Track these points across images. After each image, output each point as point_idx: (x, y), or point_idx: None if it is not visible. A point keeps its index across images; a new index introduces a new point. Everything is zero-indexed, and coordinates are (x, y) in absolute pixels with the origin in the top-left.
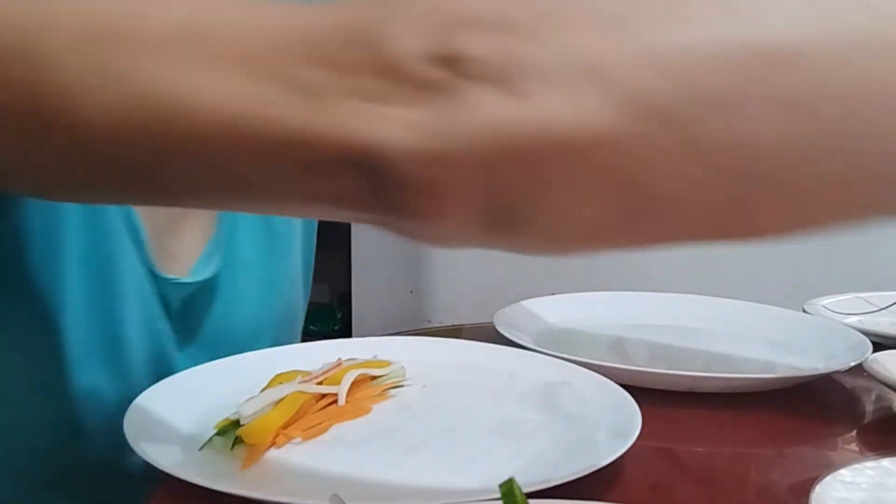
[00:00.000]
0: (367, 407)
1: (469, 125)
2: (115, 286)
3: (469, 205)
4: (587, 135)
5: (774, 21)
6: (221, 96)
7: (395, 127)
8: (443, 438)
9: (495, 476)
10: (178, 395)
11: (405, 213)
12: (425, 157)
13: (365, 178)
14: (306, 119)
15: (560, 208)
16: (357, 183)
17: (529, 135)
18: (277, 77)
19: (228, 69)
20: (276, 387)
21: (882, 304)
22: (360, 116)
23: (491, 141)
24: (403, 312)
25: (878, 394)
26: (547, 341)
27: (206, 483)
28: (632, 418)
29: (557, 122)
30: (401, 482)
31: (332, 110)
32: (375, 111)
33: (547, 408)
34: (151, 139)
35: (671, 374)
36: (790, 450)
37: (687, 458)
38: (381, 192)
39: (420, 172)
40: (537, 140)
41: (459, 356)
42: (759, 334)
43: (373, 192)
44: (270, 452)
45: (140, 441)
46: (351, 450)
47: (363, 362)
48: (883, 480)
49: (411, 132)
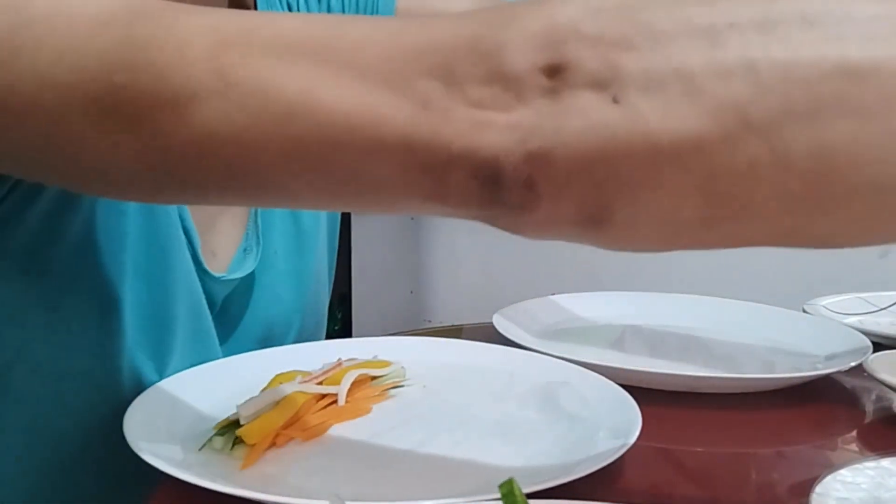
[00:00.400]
0: (367, 407)
1: (569, 127)
2: (167, 285)
3: (566, 201)
4: (678, 140)
5: (854, 39)
6: (348, 104)
7: (503, 129)
8: (443, 438)
9: (495, 476)
10: (178, 395)
11: (508, 208)
12: (528, 156)
13: (475, 178)
14: (426, 126)
15: (649, 208)
16: (468, 182)
17: (624, 138)
18: (399, 86)
19: (353, 78)
20: (276, 387)
21: (882, 304)
22: (473, 122)
23: (589, 142)
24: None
25: (878, 394)
26: (547, 341)
27: (206, 483)
28: (632, 418)
29: (651, 127)
30: (401, 482)
31: (450, 117)
32: (487, 117)
33: (547, 408)
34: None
35: (671, 374)
36: (790, 450)
37: (687, 458)
38: (488, 189)
39: (521, 169)
40: (631, 143)
41: (459, 356)
42: (759, 334)
43: (481, 190)
44: (270, 452)
45: (140, 441)
46: (351, 450)
47: (363, 362)
48: (883, 480)
49: (515, 134)
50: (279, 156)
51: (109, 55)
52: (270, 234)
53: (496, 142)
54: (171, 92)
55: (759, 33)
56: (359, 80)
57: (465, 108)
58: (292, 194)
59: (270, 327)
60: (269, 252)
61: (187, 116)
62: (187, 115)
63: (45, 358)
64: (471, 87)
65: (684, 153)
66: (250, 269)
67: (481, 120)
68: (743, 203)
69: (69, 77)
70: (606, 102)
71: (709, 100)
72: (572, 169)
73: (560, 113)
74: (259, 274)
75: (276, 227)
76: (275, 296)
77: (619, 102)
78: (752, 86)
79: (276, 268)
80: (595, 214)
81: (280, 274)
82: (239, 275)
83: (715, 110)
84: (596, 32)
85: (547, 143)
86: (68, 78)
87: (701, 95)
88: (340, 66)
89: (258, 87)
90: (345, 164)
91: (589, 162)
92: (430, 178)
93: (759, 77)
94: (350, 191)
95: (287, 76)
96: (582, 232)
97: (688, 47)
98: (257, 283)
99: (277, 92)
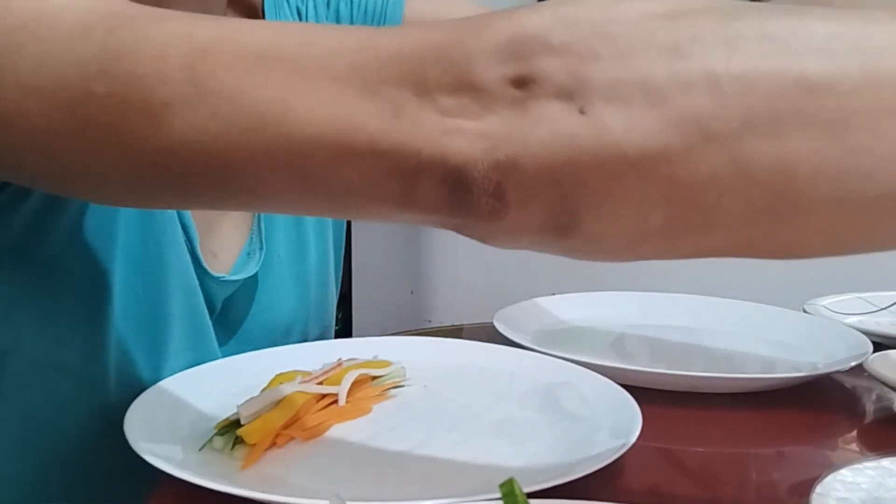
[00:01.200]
0: (368, 407)
1: (536, 137)
2: (163, 281)
3: (534, 209)
4: (642, 151)
5: (812, 54)
6: (320, 112)
7: (471, 138)
8: (443, 438)
9: (495, 476)
10: (178, 395)
11: (476, 216)
12: (496, 164)
13: (444, 184)
14: (396, 133)
15: (615, 216)
16: (437, 189)
17: (590, 148)
18: (370, 94)
19: (324, 86)
20: (276, 387)
21: (882, 304)
22: (443, 130)
23: (556, 152)
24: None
25: (878, 394)
26: (547, 341)
27: (206, 483)
28: (632, 418)
29: (615, 138)
30: (401, 482)
31: (420, 125)
32: (457, 125)
33: (547, 408)
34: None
35: (671, 374)
36: (790, 450)
37: (687, 458)
38: (457, 196)
39: (490, 177)
40: (597, 153)
41: (459, 356)
42: (759, 334)
43: (450, 197)
44: (270, 452)
45: (140, 441)
46: (351, 450)
47: (363, 362)
48: (883, 480)
49: (484, 142)
50: (251, 163)
51: (88, 64)
52: (274, 238)
53: (465, 149)
54: (147, 101)
55: (722, 47)
56: (330, 89)
57: (435, 116)
58: (265, 200)
59: (272, 331)
60: (273, 256)
61: (163, 125)
62: (163, 123)
63: (37, 352)
64: (440, 96)
65: (648, 163)
66: (253, 271)
67: (450, 128)
68: (706, 213)
69: (51, 84)
70: (573, 113)
71: (672, 112)
72: (539, 177)
73: (528, 123)
74: (262, 277)
75: (279, 230)
76: (277, 300)
77: (586, 113)
78: (714, 98)
79: (279, 272)
80: (562, 223)
81: (283, 278)
82: (241, 277)
83: (677, 122)
84: (564, 43)
85: (515, 151)
86: (50, 85)
87: (664, 107)
88: (312, 75)
89: (230, 96)
90: (316, 171)
91: (556, 171)
92: (400, 184)
93: (720, 90)
94: (321, 197)
95: (259, 85)
96: (550, 240)
97: (652, 60)
98: (260, 287)
99: (249, 100)
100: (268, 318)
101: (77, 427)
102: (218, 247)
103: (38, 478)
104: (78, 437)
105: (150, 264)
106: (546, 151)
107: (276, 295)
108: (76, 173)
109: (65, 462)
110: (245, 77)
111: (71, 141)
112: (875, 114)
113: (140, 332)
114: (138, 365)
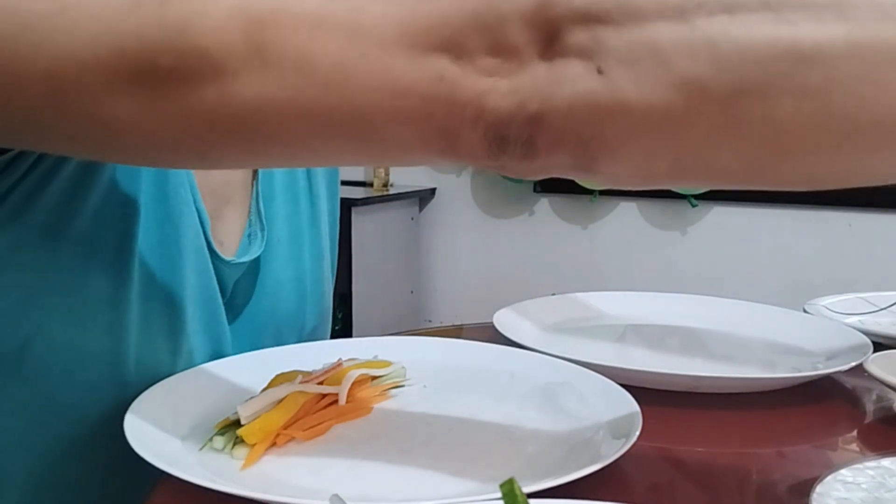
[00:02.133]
0: (368, 407)
1: (560, 93)
2: (179, 265)
3: (559, 154)
4: (648, 108)
5: (805, 23)
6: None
7: (506, 95)
8: (443, 438)
9: (495, 476)
10: (178, 395)
11: (511, 159)
12: (527, 118)
13: (484, 138)
14: (443, 95)
15: (628, 162)
16: (478, 140)
17: (605, 104)
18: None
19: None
20: (276, 387)
21: (882, 304)
22: (481, 90)
23: (576, 107)
24: (403, 312)
25: (878, 394)
26: (547, 341)
27: (206, 483)
28: (632, 418)
29: (626, 96)
30: (401, 482)
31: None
32: (492, 84)
33: (547, 408)
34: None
35: (671, 374)
36: (790, 450)
37: (687, 458)
38: (496, 146)
39: (522, 128)
40: (612, 110)
41: (459, 356)
42: (759, 334)
43: (489, 147)
44: (270, 452)
45: (140, 441)
46: (351, 450)
47: (364, 362)
48: (883, 480)
49: (517, 98)
50: (315, 126)
51: (147, 37)
52: (273, 221)
53: (501, 105)
54: (217, 72)
55: (723, 14)
56: (382, 55)
57: (474, 77)
58: (321, 156)
59: (275, 313)
60: (273, 238)
61: (233, 94)
62: (232, 92)
63: (61, 337)
64: (478, 58)
65: (654, 120)
66: (256, 253)
67: (488, 87)
68: (706, 161)
69: (110, 58)
70: (592, 72)
71: (675, 75)
72: (564, 129)
73: (554, 81)
74: (264, 260)
75: (278, 214)
76: (279, 282)
77: (603, 73)
78: (713, 64)
79: (281, 254)
80: (584, 165)
81: (284, 259)
82: (247, 258)
83: (680, 84)
84: (585, 8)
85: (543, 107)
86: (109, 59)
87: (669, 70)
88: (365, 42)
89: (294, 65)
90: (373, 131)
91: (577, 124)
92: (446, 138)
93: (718, 55)
94: (375, 152)
95: (319, 54)
96: (575, 175)
97: (660, 25)
98: (262, 269)
99: (312, 68)
100: (271, 300)
101: (97, 411)
102: (224, 234)
103: (57, 461)
104: (98, 421)
105: (168, 248)
106: (568, 107)
107: (277, 277)
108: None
109: (85, 446)
110: (305, 46)
111: (137, 111)
112: (856, 81)
113: (159, 315)
114: (158, 347)
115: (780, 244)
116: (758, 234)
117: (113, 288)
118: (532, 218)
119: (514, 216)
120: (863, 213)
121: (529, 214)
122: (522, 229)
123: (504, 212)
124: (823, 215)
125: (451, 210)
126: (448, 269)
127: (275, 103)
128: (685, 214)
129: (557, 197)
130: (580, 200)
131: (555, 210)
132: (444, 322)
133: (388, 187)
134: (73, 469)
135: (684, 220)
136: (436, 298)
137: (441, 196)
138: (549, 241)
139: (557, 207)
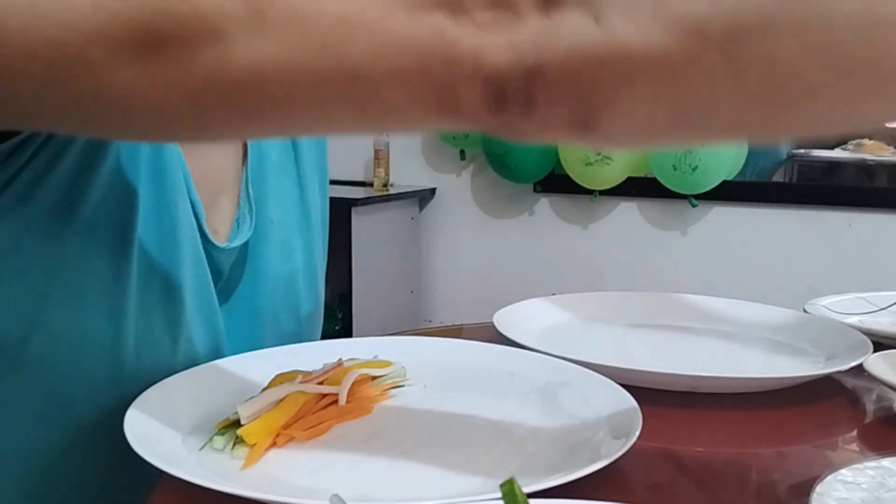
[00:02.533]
0: (368, 407)
1: (558, 44)
2: (176, 253)
3: (558, 109)
4: (646, 54)
5: None
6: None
7: (504, 48)
8: (443, 438)
9: (495, 476)
10: (178, 395)
11: (510, 116)
12: (525, 71)
13: (483, 93)
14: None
15: (628, 113)
16: (478, 97)
17: (602, 53)
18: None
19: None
20: (276, 387)
21: (882, 304)
22: (479, 45)
23: (573, 58)
24: (403, 312)
25: (878, 394)
26: (547, 341)
27: (206, 483)
28: (632, 418)
29: (624, 43)
30: (401, 482)
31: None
32: (490, 39)
33: (547, 408)
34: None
35: (671, 374)
36: (790, 450)
37: (687, 458)
38: (494, 103)
39: (521, 81)
40: (610, 60)
41: (459, 356)
42: (759, 334)
43: (489, 103)
44: (270, 452)
45: (140, 441)
46: (351, 450)
47: (364, 362)
48: (883, 480)
49: (515, 51)
50: (314, 88)
51: (148, 3)
52: (265, 204)
53: (500, 60)
54: (216, 36)
55: None
56: (380, 15)
57: (473, 32)
58: (320, 121)
59: (270, 297)
60: (265, 222)
61: (232, 57)
62: (231, 56)
63: (62, 327)
64: (476, 13)
65: (653, 66)
66: (246, 236)
67: (486, 42)
68: (706, 107)
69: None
70: (589, 22)
71: (673, 18)
72: (562, 81)
73: (551, 32)
74: (254, 243)
75: (269, 197)
76: (272, 266)
77: (600, 22)
78: (711, 5)
79: (272, 237)
80: (583, 119)
81: (275, 243)
82: (238, 242)
83: (678, 27)
84: None
85: (541, 59)
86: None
87: (666, 13)
88: (363, 2)
89: (293, 27)
90: (372, 92)
91: (575, 75)
92: (445, 97)
93: None
94: (374, 114)
95: (317, 14)
96: (574, 134)
97: None
98: (251, 253)
99: (310, 29)
100: (263, 285)
101: (98, 402)
102: (218, 222)
103: (57, 461)
104: (98, 412)
105: (166, 236)
106: (566, 58)
107: (268, 261)
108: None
109: (85, 437)
110: (304, 7)
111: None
112: (855, 15)
113: (158, 304)
114: (157, 336)
115: (780, 244)
116: (758, 234)
117: (113, 275)
118: (532, 218)
119: (514, 216)
120: (863, 213)
121: (529, 214)
122: (522, 229)
123: (504, 212)
124: (823, 215)
125: (451, 210)
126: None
127: (275, 66)
128: (685, 214)
129: (557, 197)
130: (580, 200)
131: (555, 210)
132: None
133: (388, 187)
134: (73, 468)
135: (684, 220)
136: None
137: (441, 196)
138: (549, 241)
139: (557, 207)
